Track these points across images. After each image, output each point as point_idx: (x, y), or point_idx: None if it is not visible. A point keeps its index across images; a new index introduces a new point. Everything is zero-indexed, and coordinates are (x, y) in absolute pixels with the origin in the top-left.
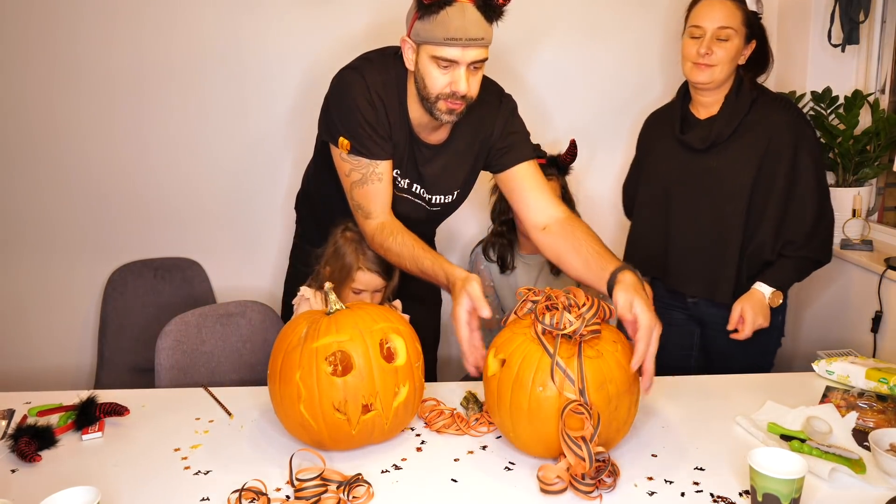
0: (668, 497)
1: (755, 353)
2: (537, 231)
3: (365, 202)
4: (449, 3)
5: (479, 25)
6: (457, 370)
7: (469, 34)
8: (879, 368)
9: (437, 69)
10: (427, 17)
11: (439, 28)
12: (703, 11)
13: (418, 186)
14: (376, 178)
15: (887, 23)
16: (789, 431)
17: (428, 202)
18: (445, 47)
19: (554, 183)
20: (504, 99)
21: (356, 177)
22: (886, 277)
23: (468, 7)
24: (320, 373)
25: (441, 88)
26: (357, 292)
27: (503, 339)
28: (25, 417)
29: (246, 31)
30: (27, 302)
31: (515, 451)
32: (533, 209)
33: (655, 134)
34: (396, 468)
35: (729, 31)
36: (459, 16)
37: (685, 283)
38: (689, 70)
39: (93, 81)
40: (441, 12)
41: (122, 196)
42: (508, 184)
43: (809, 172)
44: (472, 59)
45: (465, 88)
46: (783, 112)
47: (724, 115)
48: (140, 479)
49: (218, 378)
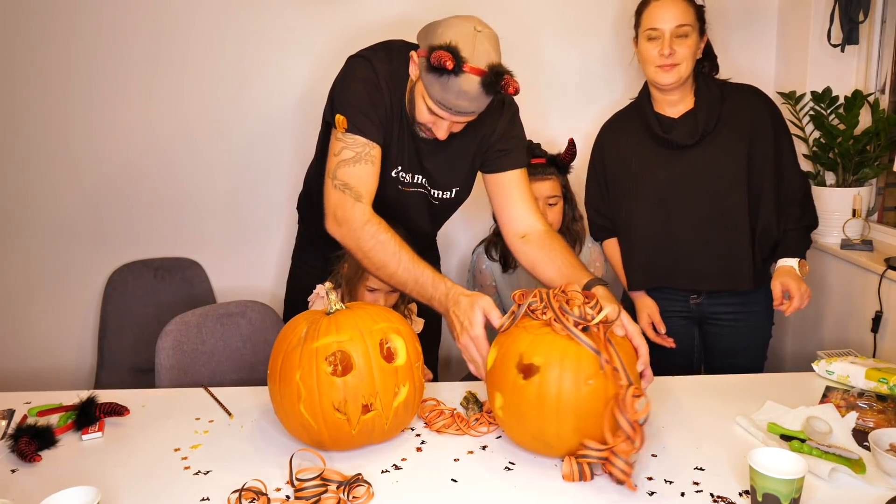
0: (668, 497)
1: (754, 347)
2: (516, 238)
3: (354, 182)
4: (456, 74)
5: (476, 101)
6: (456, 370)
7: (461, 108)
8: (879, 368)
9: (425, 107)
10: (432, 72)
11: (438, 88)
12: (657, 13)
13: (422, 178)
14: (370, 159)
15: (887, 23)
16: (789, 431)
17: (430, 195)
18: (435, 106)
19: (554, 182)
20: (507, 100)
21: (347, 155)
22: (886, 277)
23: (473, 81)
24: (320, 373)
25: (424, 121)
26: (371, 290)
27: (526, 343)
28: (25, 417)
29: (247, 29)
30: (27, 302)
31: (515, 451)
32: (517, 217)
33: (622, 141)
34: (396, 468)
35: (686, 27)
36: (461, 89)
37: (701, 280)
38: (654, 73)
39: (92, 81)
40: (446, 76)
41: (122, 196)
42: (497, 187)
43: (785, 145)
44: (458, 121)
45: (443, 137)
46: (754, 95)
47: (703, 106)
48: (140, 479)
49: (218, 378)
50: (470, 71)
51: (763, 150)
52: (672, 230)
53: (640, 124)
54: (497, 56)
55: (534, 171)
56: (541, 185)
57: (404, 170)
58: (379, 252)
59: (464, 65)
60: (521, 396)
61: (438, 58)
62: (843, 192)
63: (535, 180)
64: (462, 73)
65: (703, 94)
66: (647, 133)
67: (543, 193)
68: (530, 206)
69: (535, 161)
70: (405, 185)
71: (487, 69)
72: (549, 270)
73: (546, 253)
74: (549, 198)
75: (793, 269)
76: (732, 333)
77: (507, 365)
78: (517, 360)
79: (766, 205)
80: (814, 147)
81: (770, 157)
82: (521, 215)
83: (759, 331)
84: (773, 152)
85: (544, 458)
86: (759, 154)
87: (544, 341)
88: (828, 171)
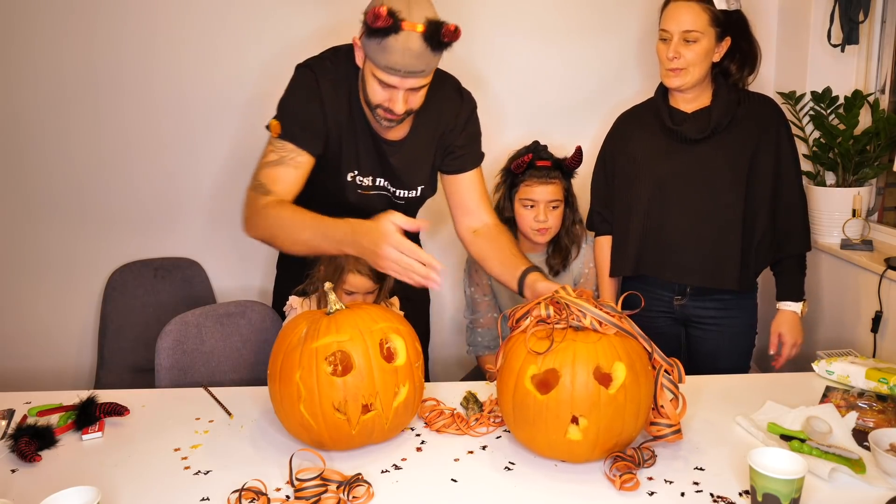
0: (668, 497)
1: (737, 353)
2: (469, 233)
3: (268, 181)
4: (395, 32)
5: (422, 58)
6: (456, 370)
7: (408, 67)
8: (879, 368)
9: (376, 84)
10: (372, 38)
11: (381, 54)
12: (669, 14)
13: (382, 180)
14: (294, 164)
15: (887, 23)
16: (789, 431)
17: (393, 195)
18: (384, 73)
19: (558, 186)
20: (465, 95)
21: (272, 158)
22: (886, 277)
23: (413, 37)
24: (320, 373)
25: (379, 101)
26: (349, 293)
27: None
28: (25, 417)
29: (244, 30)
30: (27, 302)
31: (515, 451)
32: (471, 213)
33: (635, 133)
34: (396, 468)
35: (695, 33)
36: (403, 46)
37: (686, 275)
38: (664, 74)
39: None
40: (386, 39)
41: (122, 196)
42: (454, 186)
43: (789, 159)
44: (409, 87)
45: (400, 110)
46: (768, 105)
47: (719, 105)
48: (140, 479)
49: (218, 378)
50: (408, 28)
51: (767, 159)
52: (665, 220)
53: (654, 117)
54: (434, 13)
55: (539, 174)
56: (545, 189)
57: (362, 173)
58: (285, 226)
59: (401, 22)
60: (612, 407)
61: (374, 17)
62: (843, 192)
63: (540, 183)
64: (401, 31)
65: (720, 94)
66: (659, 125)
67: (546, 197)
68: (484, 203)
69: (541, 163)
70: (365, 189)
71: (426, 23)
72: (495, 262)
73: (493, 245)
74: (552, 202)
75: (796, 316)
76: (716, 338)
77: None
78: (593, 372)
79: (763, 214)
80: (814, 147)
81: (772, 168)
82: (477, 211)
83: (741, 337)
84: (776, 163)
85: (544, 459)
86: (763, 162)
87: (568, 350)
88: (828, 171)
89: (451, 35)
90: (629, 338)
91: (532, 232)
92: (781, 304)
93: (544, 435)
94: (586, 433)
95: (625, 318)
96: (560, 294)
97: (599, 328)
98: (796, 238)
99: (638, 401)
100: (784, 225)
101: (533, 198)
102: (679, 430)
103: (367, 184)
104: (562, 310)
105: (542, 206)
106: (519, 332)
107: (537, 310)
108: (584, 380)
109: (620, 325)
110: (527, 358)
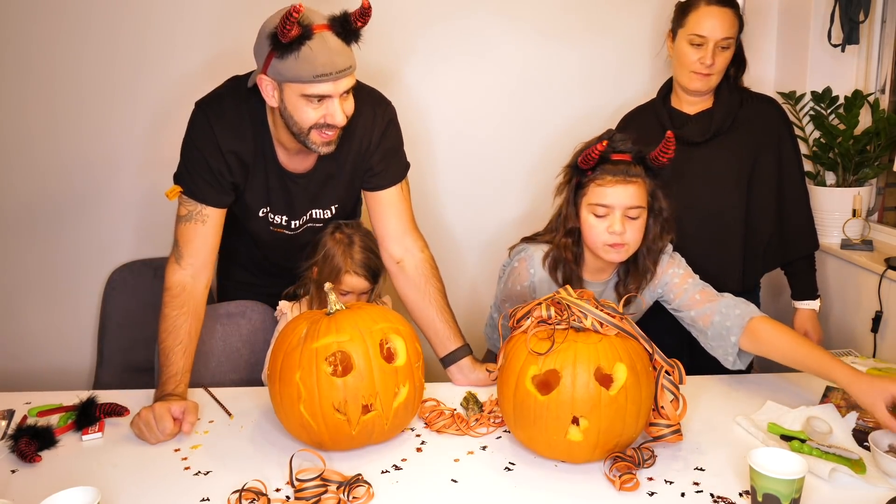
0: (668, 497)
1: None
2: (392, 262)
3: (181, 240)
4: (308, 38)
5: (344, 53)
6: None
7: (337, 66)
8: (879, 368)
9: (307, 105)
10: (287, 56)
11: (305, 66)
12: (705, 21)
13: (284, 218)
14: (201, 218)
15: (887, 23)
16: (789, 431)
17: (288, 227)
18: (316, 84)
19: (639, 187)
20: (379, 109)
21: (182, 212)
22: (886, 277)
23: (328, 36)
24: (320, 373)
25: (314, 121)
26: (343, 294)
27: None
28: (25, 417)
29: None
30: (27, 302)
31: (515, 451)
32: (394, 239)
33: (637, 135)
34: (396, 468)
35: (730, 40)
36: (323, 48)
37: None
38: (688, 78)
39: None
40: (303, 48)
41: (122, 195)
42: (374, 201)
43: (792, 158)
44: (343, 89)
45: (341, 119)
46: (770, 106)
47: (721, 107)
48: (140, 479)
49: (218, 378)
50: (318, 29)
51: (770, 160)
52: None
53: (655, 119)
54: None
55: (614, 171)
56: (622, 191)
57: (273, 211)
58: (162, 319)
59: (310, 26)
60: (613, 408)
61: (284, 30)
62: (843, 192)
63: (616, 182)
64: (314, 35)
65: (723, 95)
66: (661, 128)
67: (624, 202)
68: (409, 226)
69: (618, 157)
70: (276, 227)
71: (329, 21)
72: (422, 320)
73: (423, 297)
74: (630, 208)
75: (814, 313)
76: None
77: (584, 383)
78: (594, 373)
79: (767, 215)
80: (814, 147)
81: (775, 168)
82: (399, 237)
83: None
84: (779, 164)
85: (544, 459)
86: (765, 163)
87: (568, 350)
88: (828, 171)
89: (361, 17)
90: (630, 339)
91: (603, 248)
92: (799, 303)
93: (545, 435)
94: (587, 434)
95: (626, 319)
96: (561, 295)
97: (600, 329)
98: (804, 238)
99: (639, 402)
100: (791, 226)
101: (605, 202)
102: (679, 431)
103: (278, 221)
104: (563, 310)
105: (619, 214)
106: (520, 333)
107: (538, 310)
108: (584, 381)
109: (621, 326)
110: (528, 358)
